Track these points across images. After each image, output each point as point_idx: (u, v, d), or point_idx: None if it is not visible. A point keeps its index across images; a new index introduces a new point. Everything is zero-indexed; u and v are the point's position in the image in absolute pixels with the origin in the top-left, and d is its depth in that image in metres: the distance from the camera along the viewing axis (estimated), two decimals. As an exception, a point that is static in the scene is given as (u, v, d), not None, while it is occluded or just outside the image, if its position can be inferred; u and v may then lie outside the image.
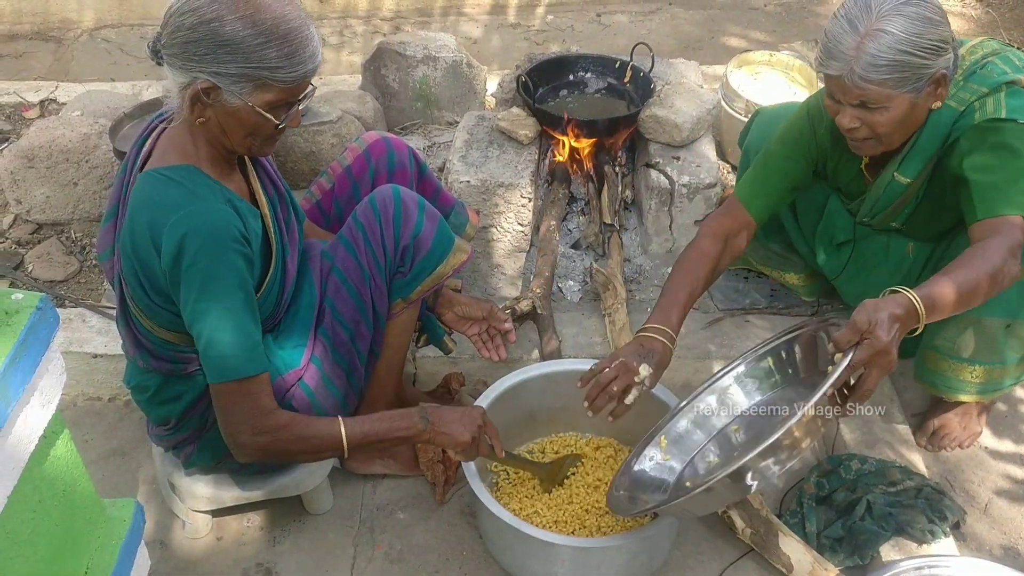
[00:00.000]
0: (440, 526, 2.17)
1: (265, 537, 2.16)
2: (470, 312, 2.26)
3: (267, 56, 1.62)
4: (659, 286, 2.74)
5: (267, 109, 1.68)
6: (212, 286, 1.66)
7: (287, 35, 1.63)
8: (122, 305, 1.86)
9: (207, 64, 1.62)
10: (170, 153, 1.75)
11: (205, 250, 1.65)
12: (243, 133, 1.72)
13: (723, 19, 4.82)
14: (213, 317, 1.67)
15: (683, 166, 2.79)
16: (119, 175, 1.86)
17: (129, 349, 1.92)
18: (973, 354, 2.15)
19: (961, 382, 2.20)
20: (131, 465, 2.34)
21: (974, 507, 2.22)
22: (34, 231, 3.03)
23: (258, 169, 1.91)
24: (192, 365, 1.87)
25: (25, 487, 1.29)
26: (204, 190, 1.72)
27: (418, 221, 1.95)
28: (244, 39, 1.60)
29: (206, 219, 1.67)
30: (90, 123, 3.01)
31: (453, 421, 1.90)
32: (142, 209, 1.70)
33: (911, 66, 1.85)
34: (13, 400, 1.22)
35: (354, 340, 1.99)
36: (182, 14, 1.61)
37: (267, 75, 1.64)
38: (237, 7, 1.60)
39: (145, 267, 1.72)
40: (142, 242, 1.70)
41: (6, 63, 4.56)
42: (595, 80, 3.11)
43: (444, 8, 4.93)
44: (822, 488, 2.16)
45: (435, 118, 3.42)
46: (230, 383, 1.70)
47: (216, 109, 1.68)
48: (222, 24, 1.59)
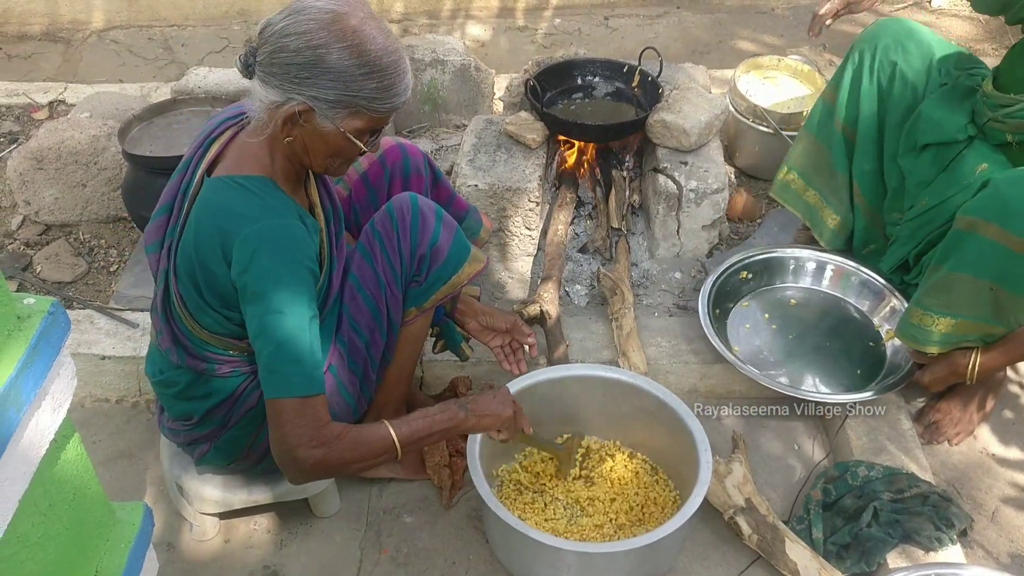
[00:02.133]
0: (446, 530, 2.18)
1: (272, 540, 2.17)
2: (494, 323, 2.26)
3: (367, 87, 1.64)
4: (667, 291, 2.75)
5: (355, 135, 1.71)
6: (282, 302, 1.66)
7: (387, 68, 1.65)
8: (165, 300, 1.86)
9: (307, 88, 1.63)
10: (246, 163, 1.75)
11: (278, 266, 1.66)
12: (326, 154, 1.74)
13: (731, 23, 4.81)
14: (281, 333, 1.65)
15: (691, 171, 2.79)
16: (177, 172, 1.85)
17: (163, 342, 1.90)
18: (953, 308, 2.18)
19: (919, 328, 2.23)
20: (138, 467, 2.35)
21: (981, 514, 2.21)
22: (43, 232, 3.04)
23: (319, 183, 1.92)
24: (226, 367, 1.88)
25: (36, 491, 1.29)
26: (279, 205, 1.72)
27: (435, 230, 1.96)
28: (347, 68, 1.62)
29: (282, 235, 1.68)
30: (99, 125, 3.02)
31: (490, 402, 1.94)
32: (213, 215, 1.71)
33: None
34: (25, 404, 1.22)
35: (369, 348, 1.99)
36: (286, 35, 1.62)
37: (364, 104, 1.66)
38: (344, 36, 1.61)
39: (206, 271, 1.72)
40: (208, 247, 1.70)
41: (15, 64, 4.57)
42: (603, 84, 3.11)
43: (452, 11, 4.93)
44: (829, 495, 2.16)
45: (443, 121, 3.42)
46: (293, 399, 1.67)
47: (305, 130, 1.69)
48: (328, 52, 1.61)
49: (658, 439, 2.22)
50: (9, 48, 4.72)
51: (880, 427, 2.31)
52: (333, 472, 1.82)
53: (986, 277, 2.10)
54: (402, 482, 2.27)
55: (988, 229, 2.06)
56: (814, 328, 2.61)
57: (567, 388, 2.24)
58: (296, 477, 1.74)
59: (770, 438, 2.41)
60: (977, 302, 2.14)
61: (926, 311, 2.21)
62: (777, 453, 2.37)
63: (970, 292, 2.13)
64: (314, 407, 1.68)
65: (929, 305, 2.21)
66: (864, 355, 2.51)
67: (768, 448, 2.38)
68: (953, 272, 2.14)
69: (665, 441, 2.19)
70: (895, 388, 2.35)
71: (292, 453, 1.68)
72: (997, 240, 2.05)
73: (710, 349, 2.47)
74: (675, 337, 2.55)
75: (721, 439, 2.35)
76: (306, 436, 1.68)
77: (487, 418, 1.92)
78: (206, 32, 4.82)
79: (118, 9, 4.88)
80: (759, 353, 2.53)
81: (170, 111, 2.86)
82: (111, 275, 2.87)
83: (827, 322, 2.63)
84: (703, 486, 1.95)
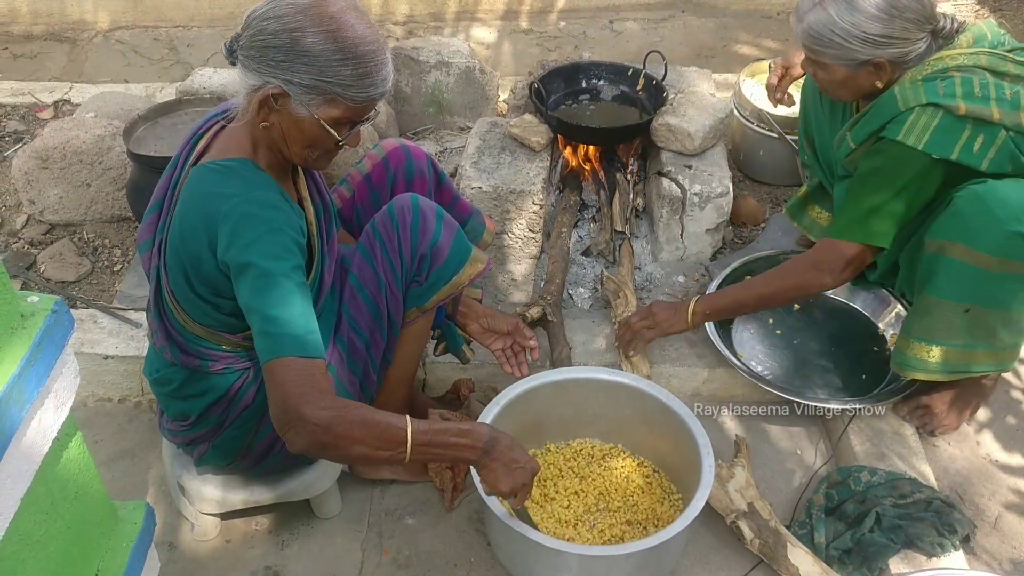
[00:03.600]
0: (448, 532, 2.17)
1: (273, 540, 2.17)
2: (496, 325, 2.25)
3: (341, 73, 1.64)
4: (670, 295, 2.75)
5: (331, 124, 1.70)
6: (268, 269, 1.62)
7: (364, 56, 1.64)
8: (157, 297, 1.86)
9: (281, 71, 1.64)
10: (228, 149, 1.76)
11: (260, 235, 1.64)
12: (303, 143, 1.73)
13: (735, 27, 4.81)
14: (273, 297, 1.61)
15: (695, 175, 2.79)
16: (168, 169, 1.86)
17: (158, 340, 1.91)
18: (932, 335, 2.18)
19: (917, 360, 2.22)
20: (140, 466, 2.35)
21: (984, 521, 2.21)
22: (47, 231, 3.04)
23: (308, 179, 1.92)
24: (220, 363, 1.88)
25: (38, 489, 1.29)
26: (260, 181, 1.72)
27: (436, 230, 1.95)
28: (322, 53, 1.62)
29: (260, 205, 1.67)
30: (104, 124, 3.02)
31: (513, 467, 1.77)
32: (196, 199, 1.71)
33: (838, 46, 2.09)
34: (28, 402, 1.22)
35: (369, 348, 1.99)
36: (265, 19, 1.64)
37: (338, 91, 1.66)
38: (322, 21, 1.61)
39: (193, 258, 1.71)
40: (192, 232, 1.69)
41: (21, 63, 4.58)
42: (608, 87, 3.12)
43: (457, 13, 4.94)
44: (831, 499, 2.15)
45: (447, 123, 3.42)
46: (292, 358, 1.58)
47: (281, 116, 1.69)
48: (304, 35, 1.61)
49: (660, 442, 2.21)
50: (15, 48, 4.73)
51: (883, 432, 2.31)
52: (334, 445, 1.60)
53: (962, 300, 2.11)
54: (404, 484, 2.27)
55: (955, 250, 2.07)
56: (818, 333, 2.60)
57: (569, 391, 2.23)
58: (297, 440, 1.58)
59: (773, 442, 2.40)
60: (954, 327, 2.15)
61: (918, 340, 2.22)
62: (780, 457, 2.37)
63: (948, 317, 2.14)
64: (312, 369, 1.59)
65: (913, 332, 2.22)
66: (868, 360, 2.51)
67: (771, 452, 2.38)
68: (931, 296, 2.15)
69: (667, 444, 2.19)
70: (900, 395, 2.34)
71: (297, 410, 1.55)
72: (966, 260, 2.06)
73: (713, 352, 2.46)
74: (678, 340, 2.54)
75: (723, 442, 2.35)
76: (310, 395, 1.56)
77: (491, 474, 1.78)
78: (211, 33, 4.83)
79: (124, 9, 4.89)
80: (763, 357, 2.53)
81: (175, 111, 2.87)
82: (115, 275, 2.88)
83: (831, 327, 2.62)
84: (705, 490, 1.95)
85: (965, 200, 2.06)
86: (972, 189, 2.06)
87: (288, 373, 1.58)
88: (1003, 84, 2.06)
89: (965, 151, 2.05)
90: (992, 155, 2.06)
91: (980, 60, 2.08)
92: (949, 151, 2.05)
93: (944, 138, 2.05)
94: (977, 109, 2.03)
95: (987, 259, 2.03)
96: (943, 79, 2.07)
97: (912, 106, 2.07)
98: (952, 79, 2.06)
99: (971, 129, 2.04)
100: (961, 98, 2.03)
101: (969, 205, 2.04)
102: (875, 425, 2.33)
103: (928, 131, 2.05)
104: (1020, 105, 2.04)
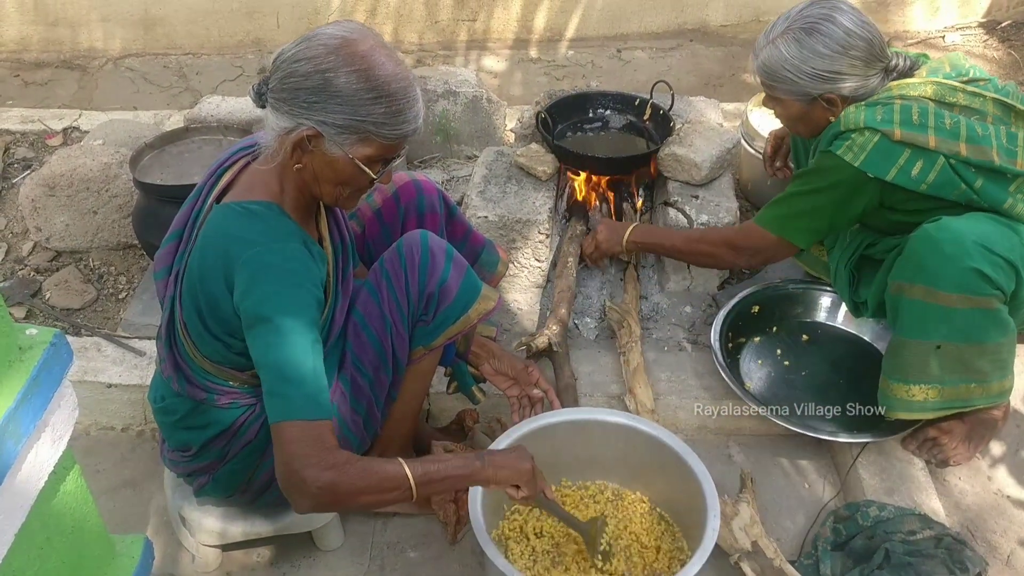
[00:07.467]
0: (450, 566, 2.15)
1: (274, 573, 2.14)
2: (504, 368, 2.24)
3: (374, 111, 1.64)
4: (677, 324, 2.73)
5: (365, 162, 1.70)
6: (284, 326, 1.62)
7: (396, 93, 1.65)
8: (169, 327, 1.86)
9: (315, 112, 1.64)
10: (254, 190, 1.75)
11: (279, 289, 1.64)
12: (335, 183, 1.73)
13: (743, 56, 4.82)
14: (283, 357, 1.62)
15: (702, 205, 2.78)
16: (189, 200, 1.86)
17: (165, 369, 1.90)
18: (905, 374, 2.19)
19: (896, 399, 2.22)
20: (142, 496, 2.33)
21: (996, 558, 2.17)
22: (53, 259, 3.04)
23: (329, 217, 1.92)
24: (226, 398, 1.87)
25: (33, 524, 1.28)
26: (284, 229, 1.71)
27: (445, 269, 1.94)
28: (355, 92, 1.62)
29: (283, 258, 1.67)
30: (111, 152, 3.03)
31: (508, 455, 1.84)
32: (217, 240, 1.71)
33: (791, 82, 2.19)
34: (23, 437, 1.21)
35: (373, 387, 1.97)
36: (296, 61, 1.64)
37: (372, 130, 1.66)
38: (353, 61, 1.62)
39: (209, 296, 1.71)
40: (211, 271, 1.69)
41: (32, 90, 4.62)
42: (615, 117, 3.12)
43: (467, 42, 4.96)
44: (839, 534, 2.12)
45: (454, 152, 3.43)
46: (296, 422, 1.60)
47: (314, 156, 1.69)
48: (336, 75, 1.61)
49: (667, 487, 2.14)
50: (27, 75, 4.77)
51: (893, 466, 2.28)
52: (342, 500, 1.65)
53: (930, 338, 2.12)
54: (407, 517, 2.25)
55: (915, 291, 2.11)
56: (826, 363, 2.58)
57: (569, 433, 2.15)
58: (302, 503, 1.63)
59: (780, 476, 2.38)
60: (927, 365, 2.15)
61: (894, 380, 2.22)
62: (787, 491, 2.34)
63: (919, 355, 2.15)
64: (319, 431, 1.61)
65: (888, 372, 2.23)
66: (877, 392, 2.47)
67: (778, 486, 2.35)
68: (899, 336, 2.19)
69: (674, 489, 2.11)
70: (909, 428, 2.31)
71: (299, 474, 1.58)
72: (928, 300, 2.08)
73: (720, 384, 2.44)
74: (685, 372, 2.52)
75: (730, 476, 2.32)
76: (313, 458, 1.59)
77: (504, 470, 1.79)
78: (220, 61, 4.87)
79: (135, 37, 4.93)
80: (771, 389, 2.50)
81: (182, 139, 2.87)
82: (120, 302, 2.87)
83: (840, 358, 2.60)
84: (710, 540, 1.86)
85: (919, 241, 2.10)
86: (925, 229, 2.11)
87: (292, 437, 1.60)
88: (944, 113, 2.12)
89: (902, 174, 2.13)
90: (932, 179, 2.12)
91: (926, 90, 2.16)
92: (885, 172, 2.13)
93: (880, 160, 2.13)
94: (912, 135, 2.11)
95: (949, 297, 2.06)
96: (884, 105, 2.15)
97: (851, 128, 2.15)
98: (892, 106, 2.14)
99: (909, 154, 2.12)
100: (898, 124, 2.12)
101: (923, 246, 2.09)
102: (885, 458, 2.30)
103: (865, 151, 2.14)
104: (959, 134, 2.11)
